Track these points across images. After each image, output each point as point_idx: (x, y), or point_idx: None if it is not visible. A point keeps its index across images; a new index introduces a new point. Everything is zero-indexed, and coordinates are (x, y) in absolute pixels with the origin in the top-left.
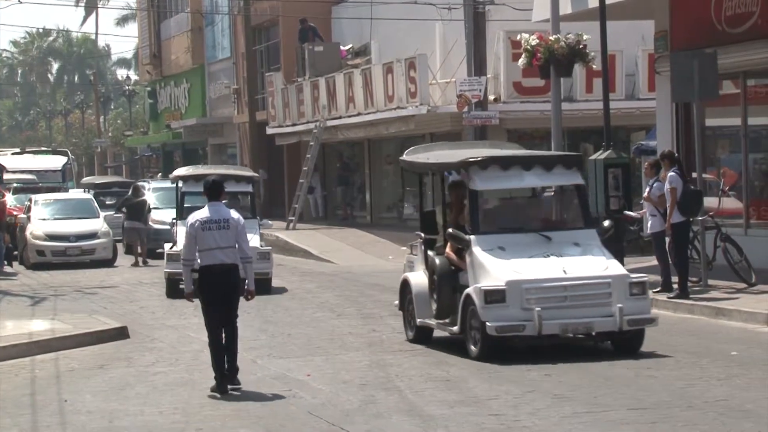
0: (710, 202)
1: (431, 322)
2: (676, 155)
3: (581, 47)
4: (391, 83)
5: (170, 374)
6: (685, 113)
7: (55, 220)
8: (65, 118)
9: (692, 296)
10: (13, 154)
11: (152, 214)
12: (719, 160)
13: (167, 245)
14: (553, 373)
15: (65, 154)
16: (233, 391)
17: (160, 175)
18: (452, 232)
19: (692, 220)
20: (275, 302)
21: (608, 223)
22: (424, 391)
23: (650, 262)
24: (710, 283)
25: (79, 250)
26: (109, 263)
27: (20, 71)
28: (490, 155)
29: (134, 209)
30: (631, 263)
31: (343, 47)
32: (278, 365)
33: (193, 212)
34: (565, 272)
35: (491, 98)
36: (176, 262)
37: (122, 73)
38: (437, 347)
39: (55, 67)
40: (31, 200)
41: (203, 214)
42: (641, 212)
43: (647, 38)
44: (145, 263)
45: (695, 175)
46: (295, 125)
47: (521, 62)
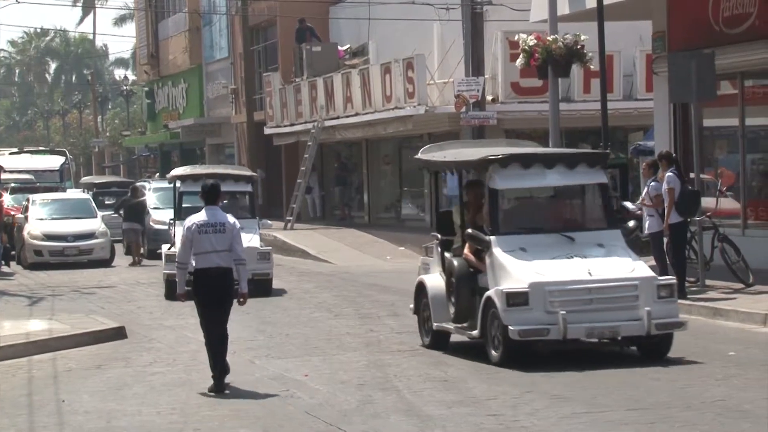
0: (708, 202)
1: (449, 326)
2: (673, 156)
3: (579, 48)
4: (389, 83)
5: (168, 374)
6: (682, 114)
7: (52, 220)
8: (63, 118)
9: (690, 296)
10: (11, 153)
11: (153, 214)
12: (717, 160)
13: (165, 246)
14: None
15: (63, 154)
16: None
17: (158, 175)
18: (471, 232)
19: (690, 220)
20: (273, 302)
21: (633, 223)
22: (422, 391)
23: (648, 262)
24: (708, 283)
25: (76, 250)
26: (106, 263)
27: (18, 71)
28: (511, 153)
29: (133, 210)
30: None
31: (340, 47)
32: (276, 365)
33: (191, 213)
34: (590, 274)
35: (489, 98)
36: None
37: (120, 73)
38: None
39: (52, 67)
40: (28, 200)
41: (201, 217)
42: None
43: (645, 39)
44: (139, 263)
45: (693, 175)
46: (292, 125)
47: (519, 62)
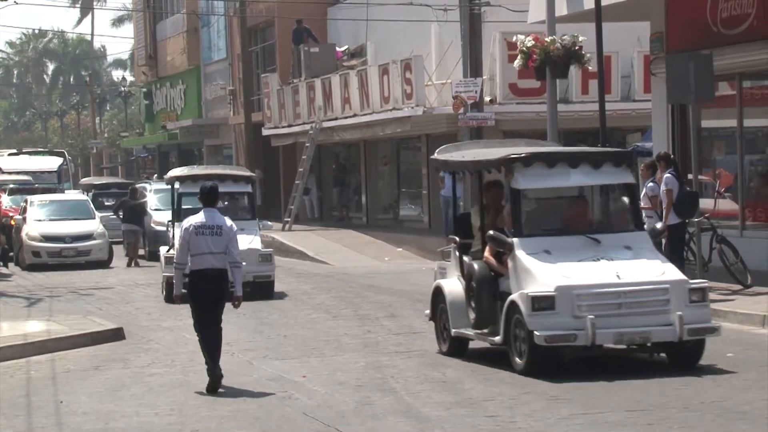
0: (706, 203)
1: (469, 332)
2: (671, 157)
3: (577, 49)
4: (387, 84)
5: (166, 375)
6: (680, 115)
7: (50, 221)
8: (61, 119)
9: None
10: (9, 154)
11: (153, 215)
12: (715, 161)
13: (163, 248)
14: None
15: (62, 155)
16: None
17: (156, 176)
18: (493, 234)
19: (688, 221)
20: (271, 304)
21: (661, 225)
22: (420, 392)
23: None
24: None
25: (74, 251)
26: (104, 264)
27: (16, 72)
28: (534, 151)
29: (132, 211)
30: None
31: (338, 48)
32: (274, 367)
33: (190, 215)
34: (618, 277)
35: (487, 99)
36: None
37: (118, 74)
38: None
39: (50, 68)
40: (26, 201)
41: (198, 219)
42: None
43: (643, 40)
44: (137, 264)
45: (691, 176)
46: (290, 126)
47: (517, 63)
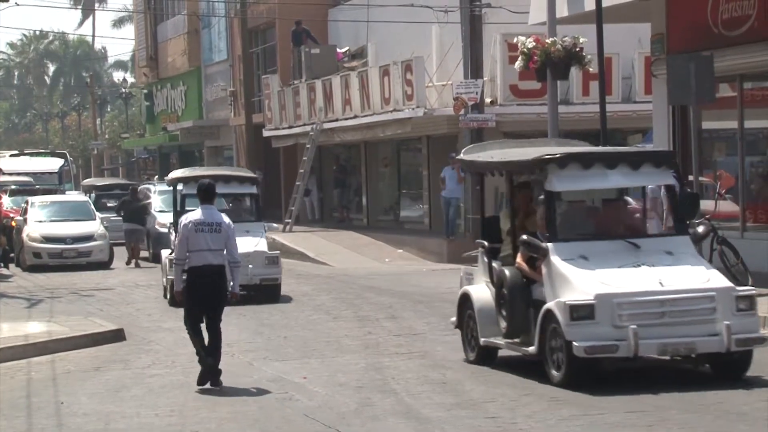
0: (707, 205)
1: (499, 341)
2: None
3: (578, 50)
4: (387, 86)
5: (166, 376)
6: (681, 116)
7: (51, 222)
8: (62, 120)
9: None
10: (11, 155)
11: (158, 217)
12: (716, 163)
13: (165, 252)
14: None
15: (63, 156)
16: (213, 386)
17: (156, 177)
18: (527, 239)
19: (689, 223)
20: (271, 305)
21: (703, 228)
22: (420, 393)
23: None
24: None
25: (75, 252)
26: (105, 265)
27: (17, 73)
28: (569, 152)
29: (133, 211)
30: None
31: (339, 50)
32: (274, 368)
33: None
34: (661, 284)
35: (488, 101)
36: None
37: (119, 75)
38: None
39: (51, 69)
40: (27, 202)
41: (196, 215)
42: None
43: (644, 41)
44: (137, 265)
45: (692, 178)
46: (291, 128)
47: (518, 65)
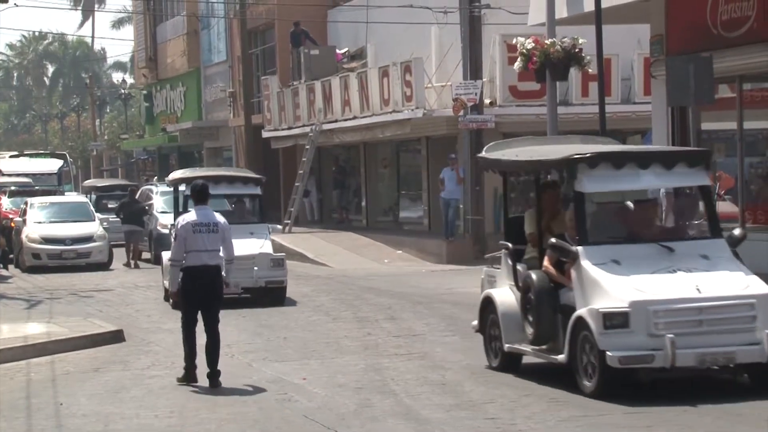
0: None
1: (525, 348)
2: None
3: (577, 51)
4: (387, 87)
5: (166, 378)
6: (680, 117)
7: (50, 223)
8: (61, 121)
9: None
10: (11, 156)
11: (160, 218)
12: (715, 164)
13: (166, 254)
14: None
15: (63, 157)
16: (212, 386)
17: (156, 178)
18: (556, 242)
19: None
20: (270, 306)
21: (739, 231)
22: (419, 394)
23: None
24: None
25: (74, 253)
26: (104, 266)
27: (16, 74)
28: (600, 151)
29: (132, 212)
30: None
31: (338, 51)
32: (274, 369)
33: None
34: (698, 291)
35: (487, 102)
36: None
37: (118, 76)
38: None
39: (50, 70)
40: (26, 203)
41: (192, 217)
42: None
43: (643, 42)
44: (137, 266)
45: None
46: (290, 129)
47: (517, 66)
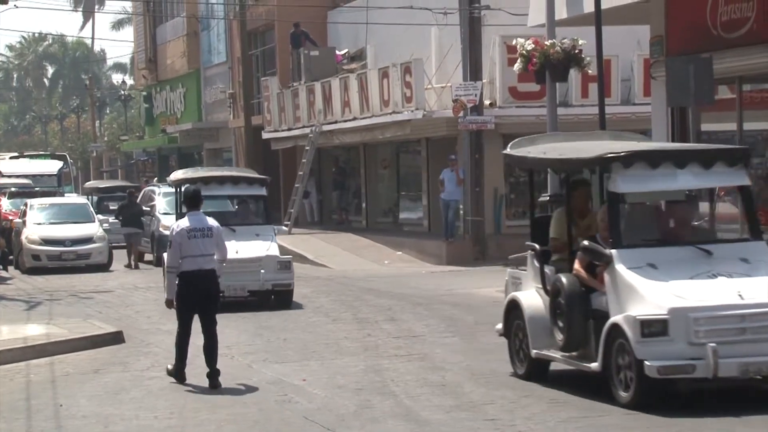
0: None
1: (554, 354)
2: None
3: (577, 52)
4: (386, 88)
5: (165, 379)
6: (680, 118)
7: (50, 224)
8: (61, 122)
9: None
10: (11, 158)
11: (162, 219)
12: None
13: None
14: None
15: (63, 158)
16: (212, 387)
17: (156, 179)
18: (588, 244)
19: None
20: (270, 307)
21: None
22: (419, 395)
23: None
24: None
25: (74, 254)
26: (104, 268)
27: (16, 75)
28: (635, 149)
29: (130, 214)
30: None
31: (338, 52)
32: (274, 370)
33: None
34: (741, 297)
35: (487, 103)
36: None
37: (118, 77)
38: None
39: (50, 71)
40: (26, 204)
41: (185, 223)
42: None
43: (643, 43)
44: (136, 267)
45: None
46: (290, 130)
47: (517, 67)
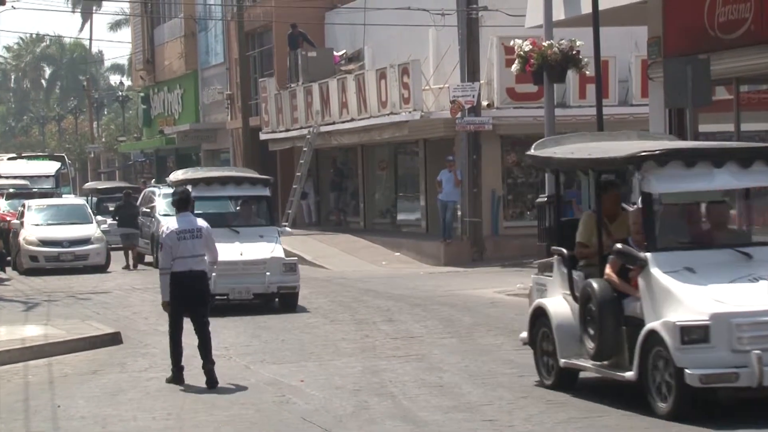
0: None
1: (585, 363)
2: None
3: (574, 53)
4: (384, 89)
5: (163, 380)
6: (678, 119)
7: (48, 225)
8: (58, 123)
9: None
10: (9, 159)
11: (162, 221)
12: None
13: None
14: None
15: (62, 159)
16: (210, 384)
17: (153, 180)
18: (622, 248)
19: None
20: (268, 308)
21: None
22: (417, 396)
23: None
24: None
25: (72, 255)
26: (102, 269)
27: (13, 76)
28: (670, 147)
29: (126, 215)
30: None
31: (336, 53)
32: (271, 371)
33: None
34: None
35: (484, 104)
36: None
37: (115, 78)
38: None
39: (48, 72)
40: (24, 205)
41: (174, 225)
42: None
43: (640, 44)
44: (135, 267)
45: None
46: (288, 131)
47: (514, 68)
